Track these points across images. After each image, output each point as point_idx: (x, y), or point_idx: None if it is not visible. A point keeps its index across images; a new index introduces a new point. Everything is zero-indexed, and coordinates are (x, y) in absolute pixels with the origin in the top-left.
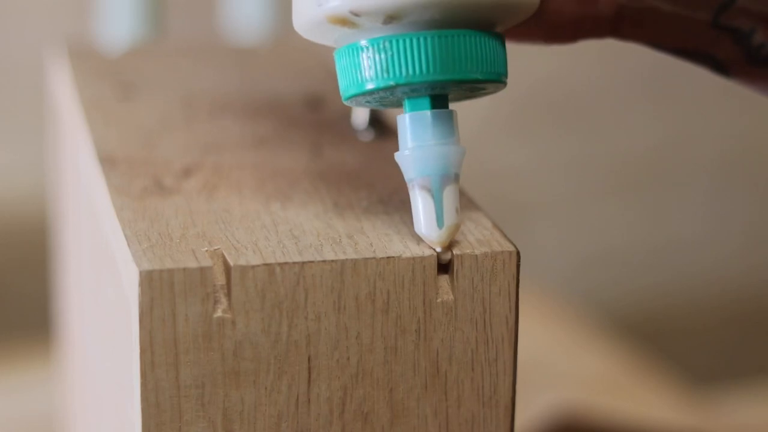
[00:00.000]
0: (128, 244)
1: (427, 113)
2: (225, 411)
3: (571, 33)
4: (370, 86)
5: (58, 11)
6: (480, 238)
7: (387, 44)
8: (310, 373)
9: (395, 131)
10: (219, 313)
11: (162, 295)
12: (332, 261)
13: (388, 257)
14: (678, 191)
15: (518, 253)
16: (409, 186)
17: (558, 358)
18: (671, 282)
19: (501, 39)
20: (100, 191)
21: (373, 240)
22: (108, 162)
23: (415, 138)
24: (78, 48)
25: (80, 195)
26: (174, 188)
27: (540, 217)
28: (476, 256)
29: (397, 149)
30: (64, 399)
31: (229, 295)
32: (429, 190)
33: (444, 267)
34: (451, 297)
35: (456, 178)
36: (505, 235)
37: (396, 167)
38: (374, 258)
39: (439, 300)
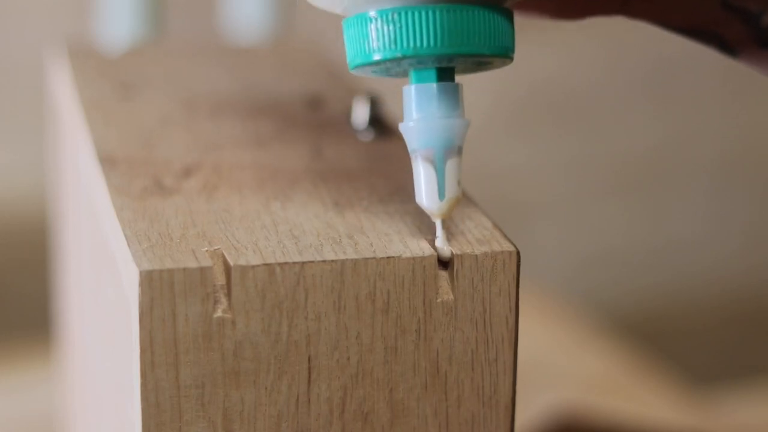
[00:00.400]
0: (128, 244)
1: (433, 86)
2: (225, 411)
3: (580, 9)
4: (377, 57)
5: (58, 11)
6: (480, 238)
7: (395, 16)
8: (310, 373)
9: (395, 131)
10: (219, 313)
11: (162, 295)
12: (332, 261)
13: (388, 257)
14: (678, 191)
15: (518, 253)
16: (412, 157)
17: (558, 358)
18: (671, 282)
19: (509, 15)
20: (100, 191)
21: (373, 240)
22: (108, 162)
23: (420, 110)
24: (78, 48)
25: (80, 195)
26: (174, 188)
27: (540, 217)
28: (476, 256)
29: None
30: (64, 399)
31: (229, 295)
32: (432, 162)
33: (443, 264)
34: (451, 297)
35: (459, 151)
36: (505, 235)
37: (396, 167)
38: (374, 258)
39: (439, 300)
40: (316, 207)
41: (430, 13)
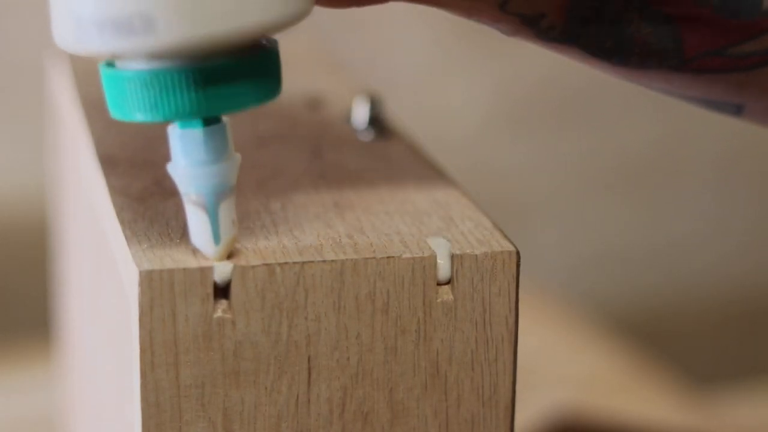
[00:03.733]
0: (128, 244)
1: (200, 131)
2: (225, 411)
3: None
4: (138, 118)
5: None
6: (480, 238)
7: (152, 79)
8: (310, 373)
9: (395, 131)
10: (219, 313)
11: (162, 295)
12: (332, 261)
13: (388, 257)
14: (678, 191)
15: (518, 253)
16: (184, 199)
17: (558, 358)
18: (671, 281)
19: (273, 53)
20: (100, 191)
21: (373, 240)
22: (108, 162)
23: (187, 155)
24: None
25: (80, 195)
26: (174, 189)
27: (540, 217)
28: (476, 256)
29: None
30: (64, 399)
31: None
32: (204, 207)
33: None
34: (451, 297)
35: (231, 190)
36: (505, 235)
37: (396, 167)
38: (374, 258)
39: (438, 300)
40: (316, 207)
41: (189, 75)
